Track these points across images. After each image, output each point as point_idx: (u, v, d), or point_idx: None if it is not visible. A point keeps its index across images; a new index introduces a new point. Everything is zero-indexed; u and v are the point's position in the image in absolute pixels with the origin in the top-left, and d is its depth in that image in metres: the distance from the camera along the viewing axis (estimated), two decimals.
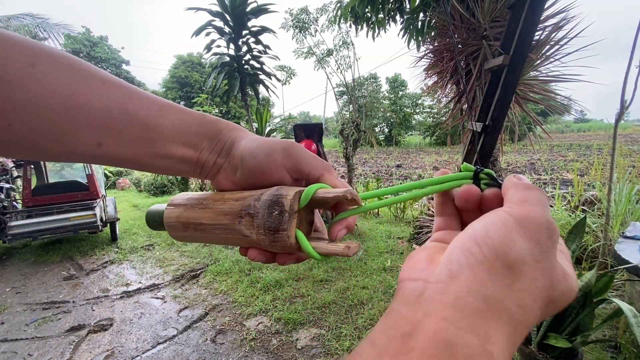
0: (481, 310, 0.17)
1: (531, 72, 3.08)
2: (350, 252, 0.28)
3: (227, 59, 5.90)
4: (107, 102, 0.28)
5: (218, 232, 0.33)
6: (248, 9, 5.68)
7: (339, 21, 5.74)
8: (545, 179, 9.60)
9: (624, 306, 1.42)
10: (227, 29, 5.78)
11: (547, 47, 2.92)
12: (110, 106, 0.28)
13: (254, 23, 5.95)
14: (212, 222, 0.33)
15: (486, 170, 0.27)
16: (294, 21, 10.02)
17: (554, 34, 2.89)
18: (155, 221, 0.41)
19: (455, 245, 0.20)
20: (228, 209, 0.32)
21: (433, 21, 3.87)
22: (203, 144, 0.32)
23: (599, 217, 3.42)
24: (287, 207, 0.28)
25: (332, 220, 0.31)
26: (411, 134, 41.39)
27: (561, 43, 2.87)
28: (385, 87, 38.67)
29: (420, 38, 4.30)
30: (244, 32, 5.84)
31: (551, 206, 4.13)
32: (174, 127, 0.31)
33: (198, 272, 3.54)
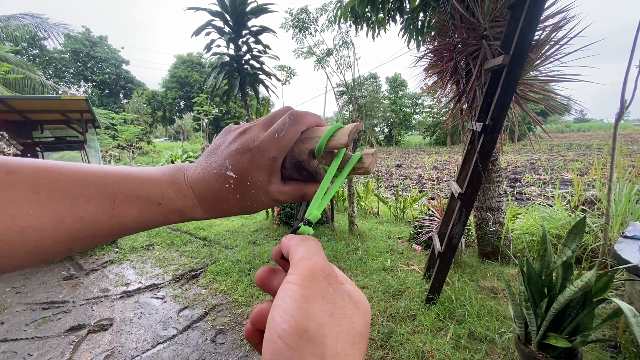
0: None
1: (531, 72, 3.07)
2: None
3: (227, 58, 5.89)
4: (56, 215, 0.25)
5: None
6: (248, 8, 5.68)
7: (339, 21, 5.74)
8: (545, 179, 9.59)
9: (624, 306, 1.42)
10: (227, 29, 5.78)
11: (547, 47, 2.92)
12: (62, 217, 0.25)
13: (254, 23, 5.95)
14: None
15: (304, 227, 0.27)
16: (294, 21, 10.01)
17: (554, 34, 2.88)
18: None
19: (264, 345, 0.19)
20: None
21: (433, 21, 3.87)
22: (168, 212, 0.31)
23: (598, 217, 3.42)
24: (309, 167, 0.32)
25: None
26: (411, 134, 41.38)
27: (561, 43, 2.87)
28: (385, 87, 38.67)
29: (420, 38, 4.30)
30: (244, 32, 5.83)
31: (551, 206, 4.13)
32: (138, 222, 0.29)
33: (198, 272, 3.54)
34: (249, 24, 5.82)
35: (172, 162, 8.83)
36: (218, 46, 5.90)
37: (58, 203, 0.25)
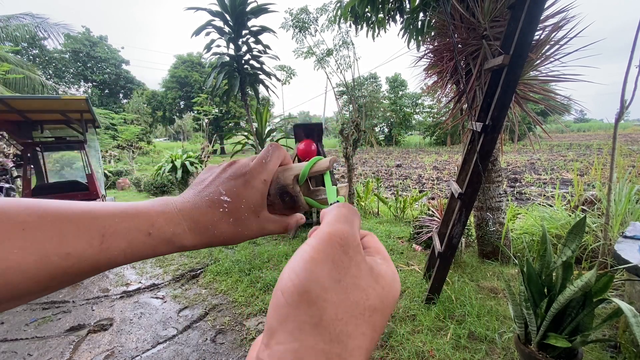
0: None
1: (531, 72, 3.07)
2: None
3: (227, 58, 5.89)
4: (41, 253, 0.24)
5: None
6: (248, 8, 5.68)
7: (339, 21, 5.74)
8: (545, 179, 9.60)
9: (624, 306, 1.42)
10: (227, 29, 5.78)
11: (547, 47, 2.92)
12: (48, 254, 0.24)
13: (254, 23, 5.95)
14: None
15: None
16: (294, 21, 10.01)
17: (554, 34, 2.88)
18: None
19: (270, 302, 0.20)
20: None
21: (433, 21, 3.87)
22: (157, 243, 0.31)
23: (598, 217, 3.42)
24: (292, 191, 0.36)
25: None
26: (411, 134, 41.37)
27: (561, 43, 2.86)
28: (385, 87, 38.67)
29: (420, 38, 4.29)
30: (244, 32, 5.83)
31: (551, 206, 4.13)
32: (126, 255, 0.29)
33: (198, 272, 3.54)
34: (249, 24, 5.82)
35: (172, 161, 8.83)
36: (218, 46, 5.90)
37: (44, 240, 0.24)
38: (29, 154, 5.23)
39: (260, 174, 0.34)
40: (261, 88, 6.49)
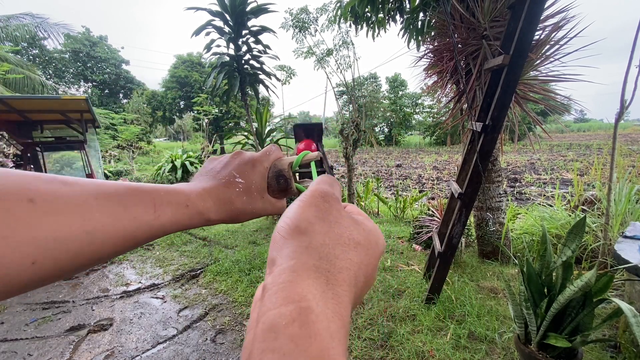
0: (291, 280, 0.19)
1: (531, 72, 3.07)
2: None
3: (227, 58, 5.89)
4: (115, 217, 0.29)
5: None
6: (248, 8, 5.67)
7: (339, 21, 5.73)
8: (545, 179, 9.60)
9: (624, 306, 1.42)
10: (227, 29, 5.77)
11: (547, 47, 2.92)
12: (120, 218, 0.29)
13: (254, 23, 5.94)
14: None
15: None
16: (294, 21, 10.00)
17: (554, 34, 2.88)
18: None
19: (270, 242, 0.24)
20: None
21: (433, 21, 3.86)
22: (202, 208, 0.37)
23: (598, 217, 3.42)
24: (287, 174, 0.44)
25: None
26: (411, 134, 41.37)
27: (561, 43, 2.86)
28: (385, 86, 38.66)
29: (420, 38, 4.29)
30: (244, 32, 5.83)
31: (551, 206, 4.13)
32: (172, 222, 0.34)
33: (198, 272, 3.54)
34: (249, 24, 5.81)
35: (172, 162, 8.84)
36: (218, 46, 5.90)
37: (115, 206, 0.29)
38: (29, 154, 5.23)
39: (264, 162, 0.43)
40: (261, 88, 6.49)
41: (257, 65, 6.07)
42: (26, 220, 0.23)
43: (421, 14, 4.16)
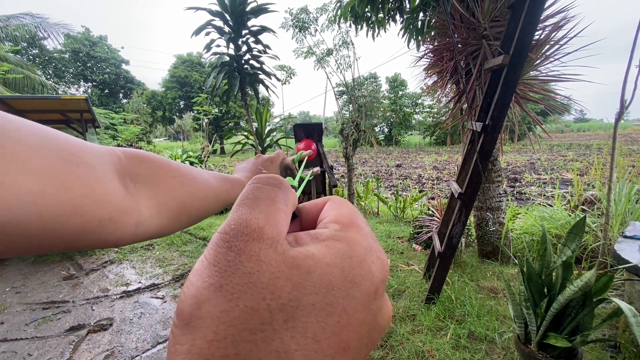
0: None
1: (531, 72, 3.07)
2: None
3: (227, 58, 5.89)
4: (218, 185, 0.50)
5: None
6: (248, 8, 5.67)
7: (339, 21, 5.74)
8: (545, 179, 9.60)
9: (624, 306, 1.42)
10: (227, 29, 5.77)
11: (547, 47, 2.92)
12: (219, 186, 0.50)
13: (254, 23, 5.94)
14: None
15: None
16: (294, 21, 10.00)
17: (554, 34, 2.88)
18: None
19: None
20: None
21: (433, 21, 3.87)
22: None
23: (598, 217, 3.42)
24: (292, 167, 0.66)
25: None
26: (411, 134, 41.39)
27: (561, 43, 2.87)
28: (385, 86, 38.67)
29: (420, 38, 4.29)
30: (244, 32, 5.82)
31: (551, 206, 4.13)
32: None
33: None
34: (249, 23, 5.81)
35: None
36: (218, 46, 5.90)
37: (216, 180, 0.49)
38: None
39: (277, 159, 0.66)
40: (261, 88, 6.49)
41: (257, 65, 6.07)
42: (194, 189, 0.44)
43: (421, 14, 4.16)
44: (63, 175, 0.25)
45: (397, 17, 4.46)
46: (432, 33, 3.93)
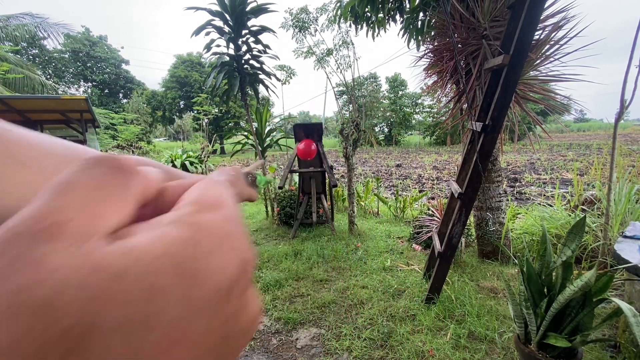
0: None
1: (531, 72, 3.08)
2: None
3: (227, 58, 5.89)
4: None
5: None
6: (248, 8, 5.67)
7: (339, 21, 5.74)
8: (545, 179, 9.60)
9: (624, 305, 1.42)
10: (226, 29, 5.77)
11: (547, 46, 2.92)
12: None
13: (254, 23, 5.94)
14: None
15: None
16: (294, 21, 10.01)
17: (554, 34, 2.88)
18: None
19: None
20: None
21: (433, 21, 3.87)
22: None
23: (598, 217, 3.42)
24: (253, 176, 0.54)
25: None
26: (411, 134, 41.40)
27: (561, 43, 2.87)
28: (385, 86, 38.69)
29: (420, 37, 4.30)
30: (244, 32, 5.82)
31: (551, 206, 4.13)
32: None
33: None
34: (249, 23, 5.81)
35: (172, 161, 8.84)
36: (218, 46, 5.89)
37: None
38: None
39: (238, 170, 0.60)
40: (261, 88, 6.49)
41: (257, 65, 6.07)
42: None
43: (421, 14, 4.16)
44: None
45: (397, 17, 4.46)
46: (432, 33, 3.93)
